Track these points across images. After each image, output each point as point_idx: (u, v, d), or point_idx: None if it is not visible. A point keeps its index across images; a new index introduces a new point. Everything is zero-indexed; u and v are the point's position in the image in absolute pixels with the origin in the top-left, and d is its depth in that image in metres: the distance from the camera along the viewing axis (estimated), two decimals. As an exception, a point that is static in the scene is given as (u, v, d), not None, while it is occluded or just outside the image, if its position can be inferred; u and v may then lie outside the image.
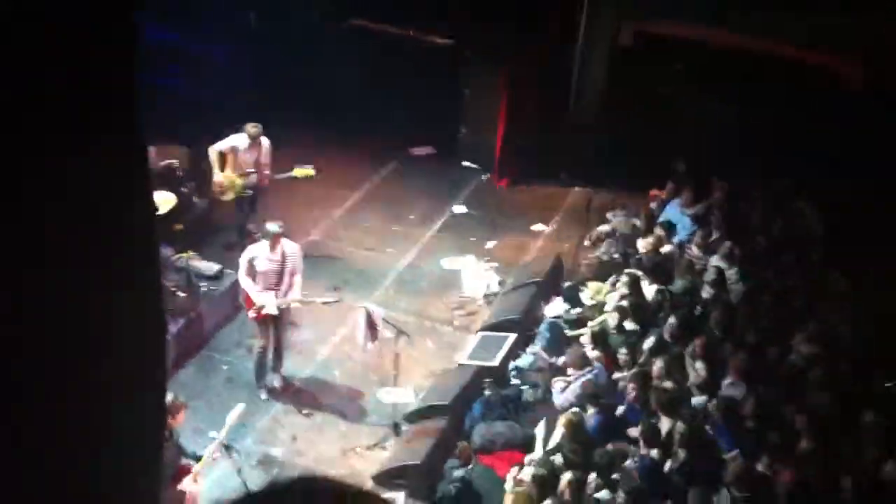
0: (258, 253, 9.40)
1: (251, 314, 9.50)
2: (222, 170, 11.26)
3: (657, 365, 8.98)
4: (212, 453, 7.66)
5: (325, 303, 9.96)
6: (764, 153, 12.36)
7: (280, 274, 9.39)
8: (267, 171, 11.32)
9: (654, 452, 8.03)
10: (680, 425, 8.04)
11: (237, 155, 11.23)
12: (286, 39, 13.80)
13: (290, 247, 9.54)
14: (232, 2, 13.83)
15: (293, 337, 10.18)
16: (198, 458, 7.63)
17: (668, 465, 7.94)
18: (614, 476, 7.84)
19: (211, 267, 10.76)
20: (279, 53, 13.80)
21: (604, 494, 7.66)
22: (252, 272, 9.38)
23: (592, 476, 7.80)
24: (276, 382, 9.82)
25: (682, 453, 7.91)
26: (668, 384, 8.74)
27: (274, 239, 9.32)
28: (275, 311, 9.40)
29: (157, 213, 10.09)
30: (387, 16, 13.58)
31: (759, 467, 7.64)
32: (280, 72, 13.70)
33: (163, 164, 11.15)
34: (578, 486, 7.58)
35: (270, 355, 9.72)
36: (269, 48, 13.81)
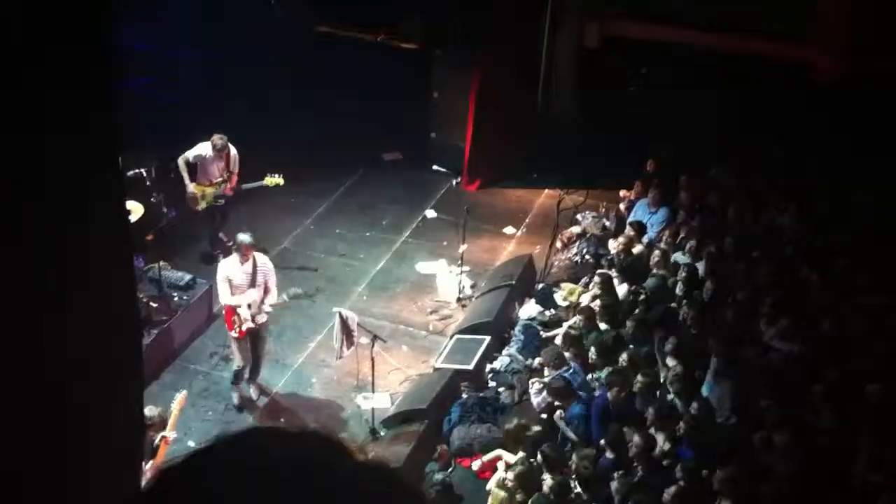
0: (230, 267, 9.23)
1: (233, 334, 9.31)
2: (192, 180, 11.21)
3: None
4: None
5: (294, 296, 9.76)
6: (737, 152, 12.50)
7: (252, 286, 9.23)
8: (234, 181, 11.26)
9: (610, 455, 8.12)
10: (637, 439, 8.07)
11: (205, 165, 11.18)
12: (252, 47, 13.75)
13: (262, 259, 9.39)
14: (200, 9, 13.73)
15: (269, 346, 10.09)
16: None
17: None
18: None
19: (183, 277, 10.70)
20: (245, 61, 13.76)
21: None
22: (231, 288, 9.20)
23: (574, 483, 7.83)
24: (252, 393, 9.75)
25: (640, 469, 7.96)
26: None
27: (245, 249, 9.15)
28: (252, 325, 9.27)
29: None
30: (355, 20, 13.56)
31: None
32: (246, 80, 13.65)
33: (132, 173, 11.06)
34: (562, 490, 7.59)
35: (248, 369, 9.62)
36: (236, 56, 13.74)
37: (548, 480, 7.68)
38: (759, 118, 12.72)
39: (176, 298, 10.48)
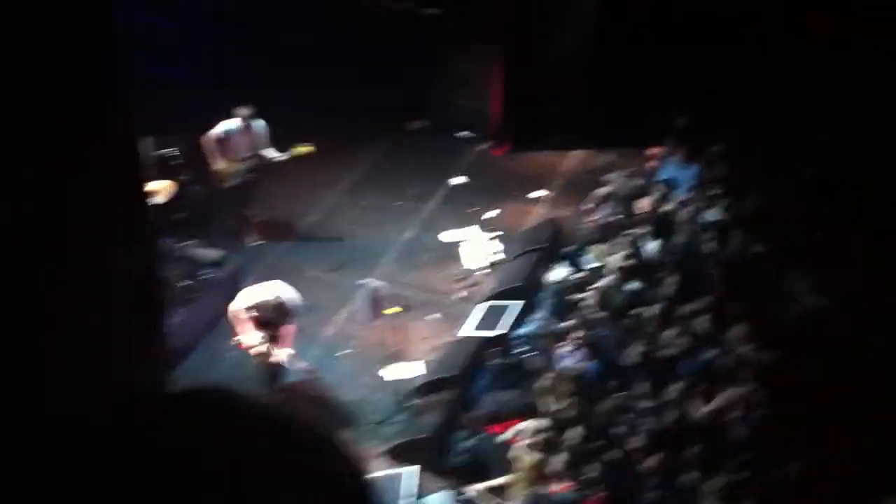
0: (257, 300, 9.08)
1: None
2: (221, 156, 11.25)
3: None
4: None
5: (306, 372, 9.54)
6: (757, 107, 12.24)
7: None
8: (271, 152, 11.23)
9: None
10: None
11: (232, 140, 11.21)
12: (272, 18, 13.69)
13: (287, 293, 9.20)
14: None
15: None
16: None
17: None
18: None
19: (213, 254, 10.79)
20: (267, 33, 13.70)
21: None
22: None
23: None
24: None
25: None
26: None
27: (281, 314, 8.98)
28: (262, 350, 9.15)
29: (157, 201, 10.10)
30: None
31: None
32: (269, 52, 13.60)
33: (160, 153, 11.14)
34: (584, 439, 7.67)
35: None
36: (255, 28, 13.68)
37: (571, 433, 7.76)
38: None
39: (207, 275, 10.58)
